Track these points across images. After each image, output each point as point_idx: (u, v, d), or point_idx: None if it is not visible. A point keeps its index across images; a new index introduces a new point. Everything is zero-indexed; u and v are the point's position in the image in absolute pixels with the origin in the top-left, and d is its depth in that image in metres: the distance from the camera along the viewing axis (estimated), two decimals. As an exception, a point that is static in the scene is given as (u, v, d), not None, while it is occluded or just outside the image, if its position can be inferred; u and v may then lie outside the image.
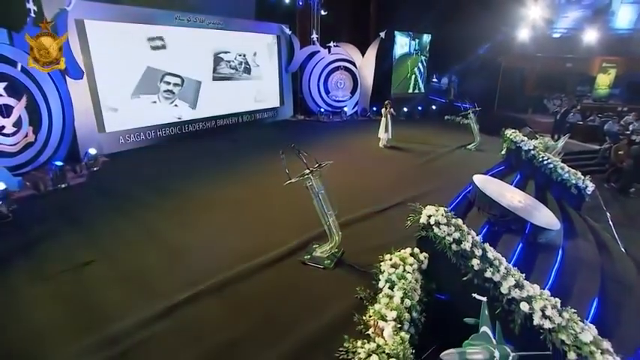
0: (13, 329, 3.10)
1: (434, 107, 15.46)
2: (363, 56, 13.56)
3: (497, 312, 3.05)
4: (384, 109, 9.27)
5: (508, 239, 4.75)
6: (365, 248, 4.22)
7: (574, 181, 6.95)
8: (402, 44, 14.83)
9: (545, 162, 7.19)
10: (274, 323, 3.16)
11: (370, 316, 2.87)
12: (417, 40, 15.21)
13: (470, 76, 15.86)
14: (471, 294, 2.96)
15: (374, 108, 13.70)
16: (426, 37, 15.43)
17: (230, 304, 3.41)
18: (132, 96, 8.80)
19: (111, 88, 8.26)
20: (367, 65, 13.46)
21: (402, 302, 2.97)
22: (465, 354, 2.23)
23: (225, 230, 4.90)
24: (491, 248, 3.59)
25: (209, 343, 2.94)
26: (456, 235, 3.51)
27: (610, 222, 7.27)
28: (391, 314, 2.80)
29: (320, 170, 3.88)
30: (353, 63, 13.53)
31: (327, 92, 13.73)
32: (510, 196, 5.40)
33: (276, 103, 13.03)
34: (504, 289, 3.14)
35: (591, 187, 7.07)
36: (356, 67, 13.56)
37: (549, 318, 2.90)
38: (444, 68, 17.27)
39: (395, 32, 14.23)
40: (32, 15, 6.35)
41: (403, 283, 3.15)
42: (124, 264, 4.07)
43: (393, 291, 3.09)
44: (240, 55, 11.43)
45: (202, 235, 4.74)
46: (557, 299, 3.10)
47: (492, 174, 7.11)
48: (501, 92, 16.02)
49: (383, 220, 5.15)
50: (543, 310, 2.94)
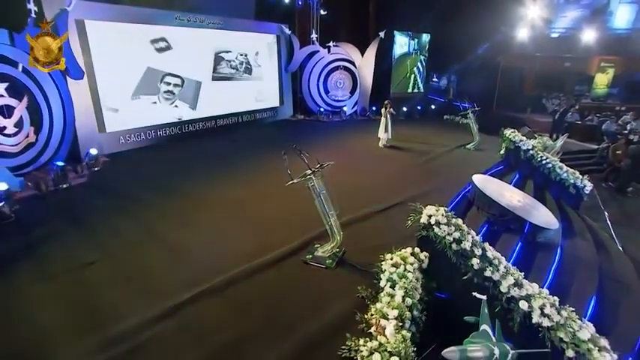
0: (18, 329, 3.11)
1: (433, 107, 15.51)
2: (363, 56, 13.59)
3: (496, 310, 3.09)
4: (384, 109, 9.29)
5: (507, 238, 4.79)
6: (366, 248, 4.26)
7: (572, 181, 6.99)
8: (402, 44, 14.86)
9: (543, 161, 7.23)
10: (276, 322, 3.19)
11: (372, 315, 2.91)
12: (416, 40, 15.24)
13: (469, 76, 15.89)
14: (471, 293, 2.99)
15: (373, 107, 13.73)
16: (425, 37, 15.46)
17: (232, 304, 3.43)
18: (132, 97, 8.80)
19: (111, 89, 8.27)
20: (366, 65, 13.48)
21: (404, 301, 3.00)
22: (466, 351, 2.27)
23: (226, 230, 4.93)
24: (490, 247, 3.63)
25: (211, 343, 2.96)
26: (456, 235, 3.55)
27: (608, 221, 7.32)
28: (393, 313, 2.84)
29: (321, 171, 3.91)
30: (352, 63, 13.55)
31: (327, 92, 13.75)
32: (509, 196, 5.44)
33: (275, 103, 13.05)
34: (504, 288, 3.17)
35: (589, 187, 7.11)
36: (355, 67, 13.58)
37: (548, 316, 2.93)
38: (443, 68, 17.30)
39: (394, 32, 14.25)
40: (33, 15, 6.36)
41: (404, 282, 3.19)
42: (126, 264, 4.09)
43: (395, 290, 3.13)
44: (241, 55, 11.44)
45: (204, 235, 4.77)
46: (555, 298, 3.13)
47: (491, 173, 7.15)
48: (500, 92, 16.07)
49: (383, 220, 5.19)
50: (542, 309, 2.97)
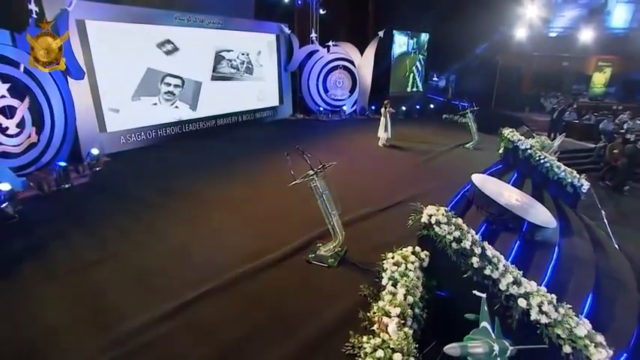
0: (25, 329, 3.15)
1: (432, 106, 15.57)
2: (362, 55, 13.62)
3: (496, 308, 3.16)
4: (383, 109, 9.34)
5: (506, 237, 4.85)
6: (367, 247, 4.32)
7: (570, 180, 7.07)
8: (401, 43, 14.92)
9: (541, 161, 7.31)
10: (281, 321, 3.24)
11: (374, 313, 2.97)
12: (415, 39, 15.30)
13: (468, 75, 15.98)
14: (471, 291, 3.06)
15: (372, 107, 13.79)
16: (424, 36, 15.52)
17: (236, 303, 3.48)
18: (132, 98, 8.82)
19: (112, 89, 8.29)
20: (366, 64, 13.52)
21: (405, 299, 3.07)
22: (467, 347, 2.34)
23: (228, 229, 4.98)
24: (490, 246, 3.69)
25: (217, 342, 3.01)
26: (456, 234, 3.61)
27: (605, 219, 7.40)
28: (395, 311, 2.90)
29: (324, 171, 3.96)
30: (352, 62, 13.58)
31: (326, 91, 13.79)
32: (508, 195, 5.50)
33: (275, 102, 13.08)
34: (503, 286, 3.23)
35: (587, 186, 7.19)
36: (355, 66, 13.61)
37: (546, 313, 2.99)
38: (442, 67, 17.38)
39: (393, 31, 14.31)
40: (34, 16, 6.37)
41: (405, 281, 3.26)
42: (131, 263, 4.13)
43: (396, 288, 3.19)
44: (243, 54, 11.46)
45: (206, 235, 4.82)
46: (553, 295, 3.19)
47: (490, 173, 7.22)
48: (499, 91, 16.16)
49: (384, 219, 5.24)
50: (540, 306, 3.04)
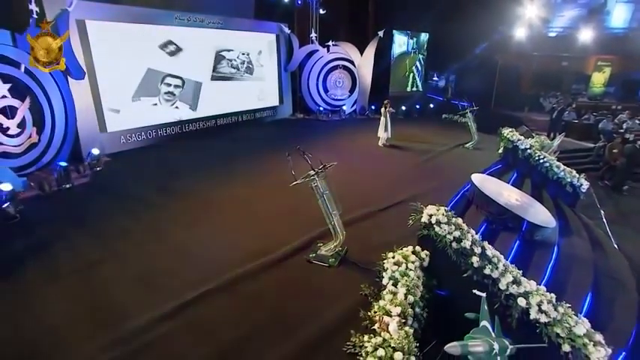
0: (28, 328, 3.16)
1: (432, 105, 15.60)
2: (362, 55, 13.64)
3: (495, 307, 3.18)
4: (383, 109, 9.36)
5: (505, 237, 4.87)
6: (367, 246, 4.34)
7: (569, 180, 7.09)
8: (400, 43, 14.94)
9: (541, 160, 7.34)
10: (282, 320, 3.26)
11: (375, 312, 2.99)
12: (415, 39, 15.32)
13: (467, 75, 16.01)
14: (471, 290, 3.09)
15: (372, 106, 13.81)
16: (424, 36, 15.54)
17: (237, 303, 3.50)
18: (133, 98, 8.82)
19: (112, 89, 8.30)
20: (366, 64, 13.54)
21: (406, 298, 3.09)
22: (467, 346, 2.37)
23: (229, 229, 5.00)
24: (489, 246, 3.71)
25: (218, 341, 3.02)
26: (456, 234, 3.63)
27: (604, 219, 7.42)
28: (395, 310, 2.92)
29: (325, 171, 3.98)
30: (351, 62, 13.59)
31: (326, 91, 13.80)
32: (507, 195, 5.53)
33: (275, 102, 13.09)
34: (502, 286, 3.25)
35: (586, 185, 7.21)
36: (354, 66, 13.63)
37: (545, 312, 3.02)
38: (442, 67, 17.41)
39: (393, 31, 14.33)
40: (34, 16, 6.38)
41: (406, 280, 3.28)
42: (132, 263, 4.15)
43: (397, 288, 3.21)
44: (243, 54, 11.46)
45: (207, 234, 4.83)
46: (552, 294, 3.21)
47: (490, 172, 7.24)
48: (498, 90, 16.19)
49: (384, 219, 5.27)
50: (539, 305, 3.06)
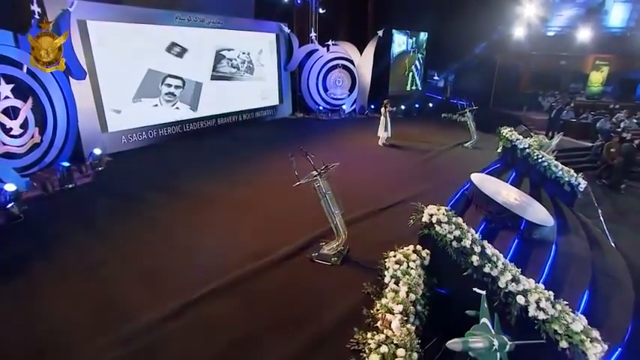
0: (33, 327, 3.21)
1: (431, 105, 15.67)
2: (361, 54, 13.69)
3: (495, 305, 3.24)
4: (383, 108, 9.42)
5: (504, 235, 4.93)
6: (369, 246, 4.40)
7: (567, 179, 7.14)
8: (400, 42, 14.98)
9: (539, 160, 7.40)
10: (286, 319, 3.32)
11: (378, 310, 3.05)
12: (414, 39, 15.36)
13: (466, 74, 16.05)
14: (471, 288, 3.15)
15: (372, 105, 13.86)
16: (423, 35, 15.58)
17: (241, 302, 3.55)
18: (133, 99, 8.85)
19: (113, 89, 8.33)
20: (365, 63, 13.59)
21: (407, 296, 3.15)
22: (468, 343, 2.43)
23: (231, 229, 5.05)
24: (489, 245, 3.77)
25: (222, 341, 3.07)
26: (457, 233, 3.68)
27: (601, 218, 7.49)
28: (397, 308, 2.98)
29: (327, 172, 4.04)
30: (351, 61, 13.64)
31: (326, 90, 13.84)
32: (506, 194, 5.59)
33: (275, 102, 13.13)
34: (502, 284, 3.31)
35: (584, 184, 7.27)
36: (354, 65, 13.67)
37: (543, 310, 3.08)
38: (441, 66, 17.45)
39: (392, 30, 14.36)
40: (36, 17, 6.40)
41: (407, 279, 3.34)
42: (136, 263, 4.20)
43: (398, 286, 3.27)
44: (244, 54, 11.49)
45: (210, 234, 4.89)
46: (550, 292, 3.27)
47: (489, 172, 7.30)
48: (497, 89, 16.24)
49: (385, 218, 5.33)
50: (538, 303, 3.12)
